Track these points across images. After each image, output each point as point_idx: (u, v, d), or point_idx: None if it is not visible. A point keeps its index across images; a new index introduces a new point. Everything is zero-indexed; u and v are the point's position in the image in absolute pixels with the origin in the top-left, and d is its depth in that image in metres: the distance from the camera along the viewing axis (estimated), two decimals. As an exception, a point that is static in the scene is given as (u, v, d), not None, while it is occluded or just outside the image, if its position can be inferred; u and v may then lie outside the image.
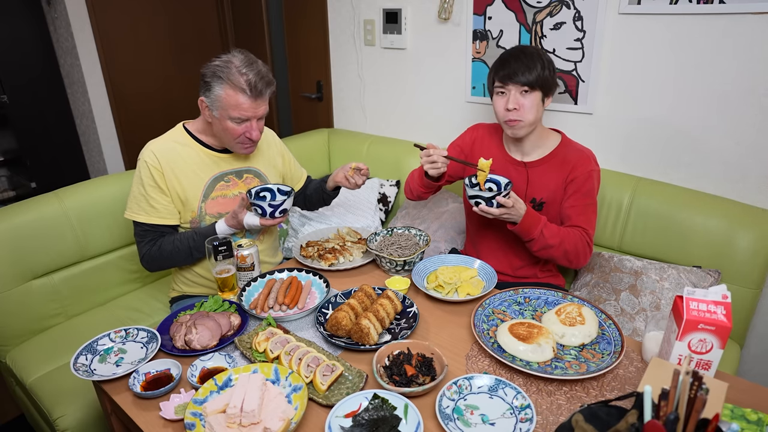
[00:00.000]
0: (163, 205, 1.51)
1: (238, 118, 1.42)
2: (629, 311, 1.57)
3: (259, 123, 1.48)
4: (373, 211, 2.25)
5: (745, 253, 1.53)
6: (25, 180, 3.40)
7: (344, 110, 2.76)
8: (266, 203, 1.45)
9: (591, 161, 1.52)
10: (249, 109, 1.41)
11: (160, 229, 1.53)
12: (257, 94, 1.40)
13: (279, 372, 1.08)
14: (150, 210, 1.50)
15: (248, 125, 1.45)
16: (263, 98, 1.43)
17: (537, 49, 1.48)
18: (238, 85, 1.38)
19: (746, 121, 1.60)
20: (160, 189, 1.49)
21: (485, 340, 1.17)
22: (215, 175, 1.57)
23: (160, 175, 1.49)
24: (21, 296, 1.70)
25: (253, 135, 1.46)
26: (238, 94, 1.39)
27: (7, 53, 3.01)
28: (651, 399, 0.74)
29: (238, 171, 1.62)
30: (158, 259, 1.53)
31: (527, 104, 1.45)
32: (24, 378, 1.62)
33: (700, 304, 1.00)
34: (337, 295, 1.39)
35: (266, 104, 1.47)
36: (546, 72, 1.44)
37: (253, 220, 1.49)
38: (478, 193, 1.36)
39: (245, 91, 1.38)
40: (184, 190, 1.52)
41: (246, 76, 1.38)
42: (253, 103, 1.41)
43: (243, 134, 1.46)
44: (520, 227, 1.43)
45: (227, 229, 1.53)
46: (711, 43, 1.58)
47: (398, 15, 2.28)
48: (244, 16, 3.24)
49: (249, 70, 1.39)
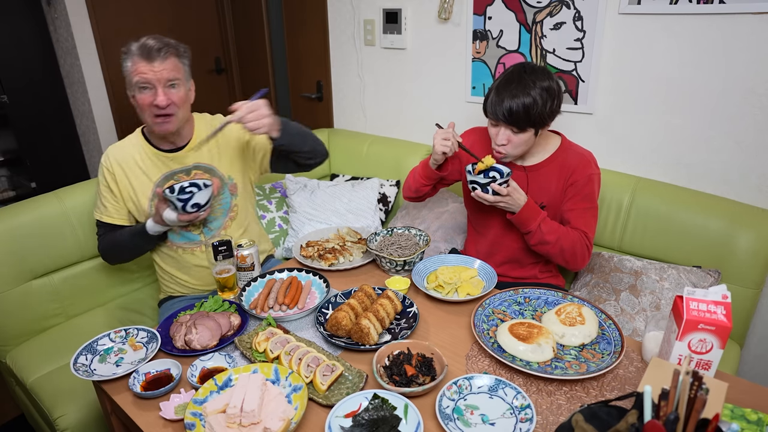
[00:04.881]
0: (112, 204, 1.59)
1: (139, 83, 1.42)
2: (629, 311, 1.57)
3: (168, 91, 1.44)
4: (373, 211, 2.25)
5: (745, 253, 1.53)
6: (25, 180, 3.40)
7: (344, 110, 2.76)
8: (174, 197, 1.43)
9: (591, 164, 1.52)
10: (147, 70, 1.41)
11: (108, 226, 1.60)
12: (148, 55, 1.40)
13: (279, 372, 1.08)
14: (102, 208, 1.60)
15: (153, 92, 1.44)
16: (161, 60, 1.41)
17: (536, 77, 1.37)
18: (135, 51, 1.42)
19: (746, 121, 1.60)
20: (111, 191, 1.57)
21: (485, 340, 1.17)
22: (165, 174, 1.58)
23: (112, 177, 1.56)
24: (21, 296, 1.70)
25: (159, 101, 1.43)
26: (135, 60, 1.42)
27: (7, 53, 3.01)
28: (651, 399, 0.74)
29: (187, 169, 1.60)
30: (105, 251, 1.64)
31: (516, 141, 1.43)
32: (24, 378, 1.62)
33: (700, 304, 1.00)
34: (337, 295, 1.39)
35: (169, 69, 1.43)
36: (539, 108, 1.36)
37: (170, 216, 1.47)
38: (476, 178, 1.40)
39: (139, 54, 1.41)
40: (135, 191, 1.57)
41: (141, 42, 1.42)
42: (148, 64, 1.40)
43: (151, 103, 1.44)
44: (517, 217, 1.45)
45: (155, 226, 1.52)
46: (711, 43, 1.58)
47: (398, 15, 2.28)
48: (244, 16, 3.24)
49: (147, 38, 1.43)
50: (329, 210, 2.22)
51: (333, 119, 2.83)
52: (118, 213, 1.60)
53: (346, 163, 2.54)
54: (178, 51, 1.47)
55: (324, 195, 2.27)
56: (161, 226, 1.51)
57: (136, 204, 1.58)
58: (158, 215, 1.49)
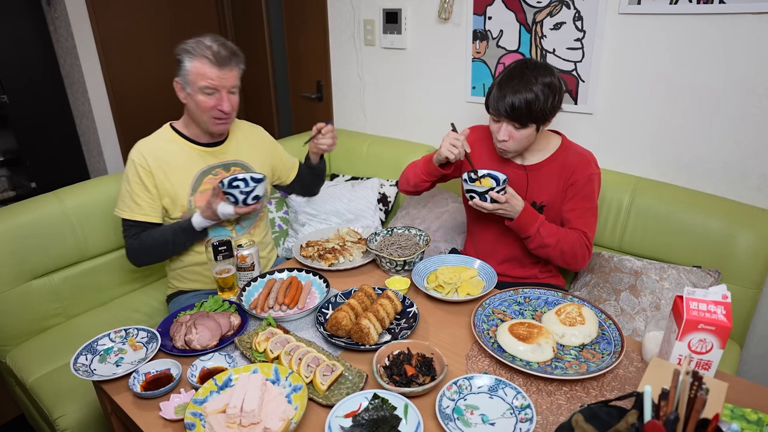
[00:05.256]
0: (146, 202, 1.54)
1: (206, 87, 1.46)
2: (629, 311, 1.57)
3: (230, 97, 1.51)
4: (373, 211, 2.25)
5: (745, 253, 1.53)
6: (25, 180, 3.40)
7: (344, 110, 2.76)
8: (238, 191, 1.47)
9: (591, 164, 1.51)
10: (216, 78, 1.46)
11: (143, 225, 1.56)
12: (221, 62, 1.45)
13: (279, 372, 1.08)
14: (134, 206, 1.54)
15: (218, 97, 1.49)
16: (229, 68, 1.48)
17: (538, 73, 1.37)
18: (204, 55, 1.45)
19: (746, 121, 1.60)
20: (145, 187, 1.53)
21: (485, 340, 1.17)
22: (202, 169, 1.60)
23: (148, 173, 1.53)
24: (21, 296, 1.70)
25: (224, 107, 1.49)
26: (205, 65, 1.45)
27: (7, 53, 3.01)
28: (651, 399, 0.74)
29: (225, 164, 1.64)
30: (139, 251, 1.57)
31: (518, 136, 1.43)
32: (24, 378, 1.62)
33: (700, 304, 1.00)
34: (337, 295, 1.39)
35: (234, 76, 1.50)
36: (541, 104, 1.36)
37: (227, 209, 1.51)
38: (473, 187, 1.39)
39: (210, 59, 1.45)
40: (173, 185, 1.55)
41: (211, 47, 1.45)
42: (219, 71, 1.46)
43: (214, 107, 1.49)
44: (516, 223, 1.44)
45: (203, 221, 1.55)
46: (711, 43, 1.58)
47: (398, 15, 2.28)
48: (244, 16, 3.24)
49: (214, 43, 1.46)
50: (329, 210, 2.22)
51: (333, 119, 2.83)
52: (153, 210, 1.56)
53: (346, 163, 2.54)
54: (241, 60, 1.52)
55: (324, 195, 2.27)
56: (209, 220, 1.54)
57: (173, 199, 1.56)
58: (209, 210, 1.52)
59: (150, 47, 3.18)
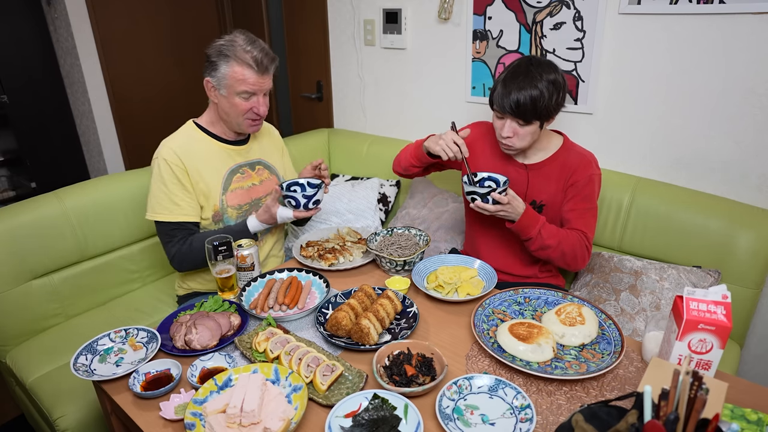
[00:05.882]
0: (186, 201, 1.52)
1: (245, 92, 1.47)
2: (629, 311, 1.57)
3: (265, 99, 1.53)
4: (373, 211, 2.25)
5: (745, 253, 1.53)
6: (25, 180, 3.40)
7: (344, 110, 2.76)
8: (300, 195, 1.49)
9: (592, 165, 1.51)
10: (256, 83, 1.47)
11: (185, 226, 1.53)
12: (263, 70, 1.47)
13: (279, 372, 1.08)
14: (174, 208, 1.50)
15: (255, 100, 1.50)
16: (269, 73, 1.50)
17: (542, 70, 1.38)
18: (245, 61, 1.44)
19: (746, 121, 1.60)
20: (183, 186, 1.51)
21: (485, 340, 1.17)
22: (231, 168, 1.61)
23: (183, 171, 1.50)
24: (21, 296, 1.70)
25: (261, 110, 1.52)
26: (245, 70, 1.45)
27: (7, 53, 3.02)
28: (651, 399, 0.74)
29: (251, 163, 1.66)
30: (189, 257, 1.52)
31: (522, 133, 1.43)
32: (24, 378, 1.62)
33: (700, 304, 1.00)
34: (337, 295, 1.39)
35: (270, 80, 1.52)
36: (545, 101, 1.36)
37: (286, 213, 1.53)
38: (475, 189, 1.38)
39: (252, 66, 1.45)
40: (207, 184, 1.54)
41: (251, 53, 1.45)
42: (259, 78, 1.47)
43: (251, 109, 1.51)
44: (517, 225, 1.44)
45: (259, 224, 1.56)
46: (711, 43, 1.58)
47: (398, 15, 2.28)
48: (244, 17, 3.24)
49: (253, 48, 1.46)
50: (329, 210, 2.23)
51: (333, 119, 2.83)
52: (193, 210, 1.53)
53: (346, 163, 2.54)
54: (277, 63, 1.54)
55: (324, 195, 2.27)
56: (264, 224, 1.56)
57: (206, 197, 1.55)
58: (267, 213, 1.53)
59: (150, 47, 3.18)
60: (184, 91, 3.34)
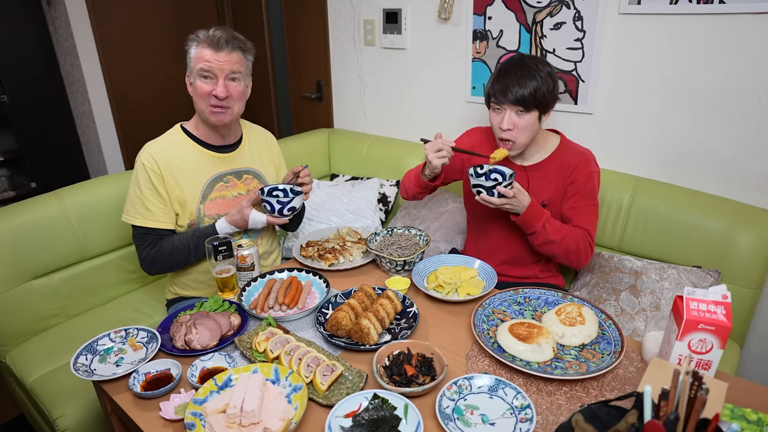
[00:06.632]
0: (159, 208, 1.50)
1: (202, 70, 1.44)
2: (629, 311, 1.57)
3: (229, 84, 1.46)
4: (373, 211, 2.25)
5: (745, 253, 1.53)
6: (25, 180, 3.40)
7: (344, 110, 2.76)
8: (276, 200, 1.47)
9: (591, 162, 1.52)
10: (212, 59, 1.42)
11: (157, 232, 1.51)
12: (218, 45, 1.43)
13: (279, 372, 1.08)
14: (146, 213, 1.49)
15: (213, 82, 1.45)
16: (227, 51, 1.43)
17: (537, 62, 1.43)
18: (204, 39, 1.44)
19: (746, 121, 1.60)
20: (157, 192, 1.48)
21: (485, 340, 1.17)
22: (214, 176, 1.56)
23: (158, 177, 1.48)
24: (21, 296, 1.70)
25: (218, 91, 1.44)
26: (204, 49, 1.44)
27: (7, 53, 3.01)
28: (651, 399, 0.74)
29: (237, 171, 1.61)
30: (158, 260, 1.52)
31: (522, 124, 1.43)
32: (24, 378, 1.62)
33: (700, 304, 1.00)
34: (337, 295, 1.39)
35: (233, 61, 1.45)
36: (544, 89, 1.40)
37: (258, 217, 1.51)
38: (481, 182, 1.38)
39: (207, 42, 1.43)
40: (183, 191, 1.51)
41: (210, 32, 1.44)
42: (215, 53, 1.42)
43: (210, 92, 1.45)
44: (522, 219, 1.44)
45: (228, 227, 1.53)
46: (711, 43, 1.58)
47: (398, 15, 2.28)
48: (244, 17, 3.24)
49: (216, 30, 1.45)
50: (329, 210, 2.22)
51: (333, 119, 2.83)
52: (166, 216, 1.51)
53: (346, 163, 2.54)
54: (245, 46, 1.49)
55: (324, 195, 2.27)
56: (233, 227, 1.53)
57: (182, 205, 1.51)
58: (239, 215, 1.51)
59: (150, 47, 3.18)
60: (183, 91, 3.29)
